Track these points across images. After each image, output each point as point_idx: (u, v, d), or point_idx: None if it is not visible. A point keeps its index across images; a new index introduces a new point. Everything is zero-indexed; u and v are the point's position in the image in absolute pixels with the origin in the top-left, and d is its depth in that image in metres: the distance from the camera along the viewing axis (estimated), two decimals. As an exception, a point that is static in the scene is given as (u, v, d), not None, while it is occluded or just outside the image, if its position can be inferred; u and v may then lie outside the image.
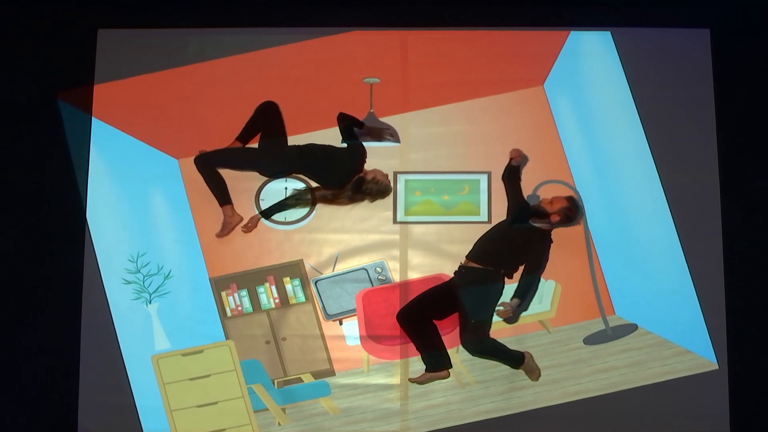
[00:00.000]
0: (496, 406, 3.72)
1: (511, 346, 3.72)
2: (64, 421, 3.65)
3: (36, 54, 3.85)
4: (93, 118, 3.82)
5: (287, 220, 3.82)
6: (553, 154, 3.85)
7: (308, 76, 3.89)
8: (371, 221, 3.83)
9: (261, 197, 3.86)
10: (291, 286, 3.83)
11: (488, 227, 3.77)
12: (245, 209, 3.87)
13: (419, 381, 3.68)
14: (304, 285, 3.84)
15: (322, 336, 3.82)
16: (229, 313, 3.83)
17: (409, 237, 3.83)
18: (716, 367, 3.70)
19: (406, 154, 3.88)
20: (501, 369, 3.71)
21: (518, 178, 3.80)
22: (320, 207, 3.86)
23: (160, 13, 3.87)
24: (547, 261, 3.75)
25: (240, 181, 3.86)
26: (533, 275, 3.70)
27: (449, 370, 3.67)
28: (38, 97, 3.85)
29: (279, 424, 3.74)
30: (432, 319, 3.67)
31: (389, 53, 3.89)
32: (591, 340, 3.75)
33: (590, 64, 3.92)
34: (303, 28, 3.89)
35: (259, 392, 3.77)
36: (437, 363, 3.67)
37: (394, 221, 3.83)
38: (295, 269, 3.84)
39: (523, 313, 3.75)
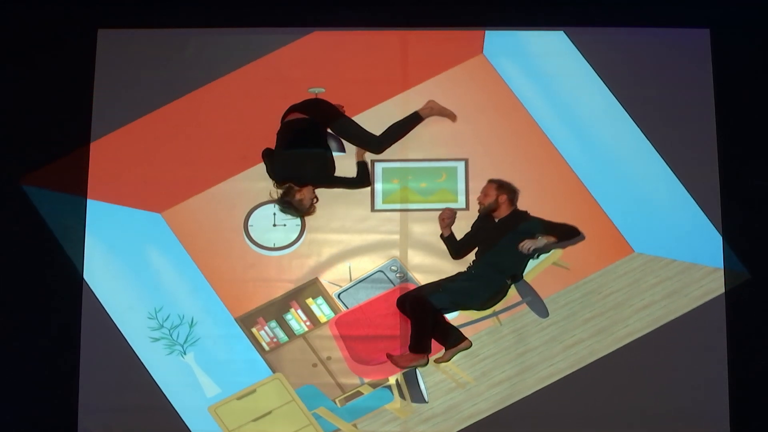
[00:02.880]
0: (556, 368, 3.73)
1: (540, 311, 3.77)
2: (64, 421, 3.60)
3: (36, 54, 3.78)
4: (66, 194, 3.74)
5: (276, 246, 3.77)
6: (522, 120, 3.83)
7: (307, 77, 3.84)
8: (371, 221, 3.79)
9: (250, 223, 3.79)
10: (316, 305, 3.77)
11: (466, 214, 3.76)
12: (239, 212, 3.80)
13: (444, 360, 3.67)
14: (328, 301, 3.78)
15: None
16: (266, 348, 3.75)
17: (409, 237, 3.79)
18: (749, 276, 3.74)
19: (405, 154, 3.88)
20: (549, 332, 3.79)
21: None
22: (320, 208, 3.79)
23: (160, 13, 3.82)
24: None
25: (242, 181, 3.81)
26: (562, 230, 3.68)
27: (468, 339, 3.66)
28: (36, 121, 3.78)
29: (356, 441, 3.70)
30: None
31: (389, 53, 3.88)
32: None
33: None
34: (303, 28, 3.85)
35: (325, 415, 3.71)
36: (454, 337, 3.66)
37: (372, 209, 3.79)
38: (314, 289, 3.78)
39: (536, 262, 3.71)
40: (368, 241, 3.79)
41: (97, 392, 3.63)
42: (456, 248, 3.76)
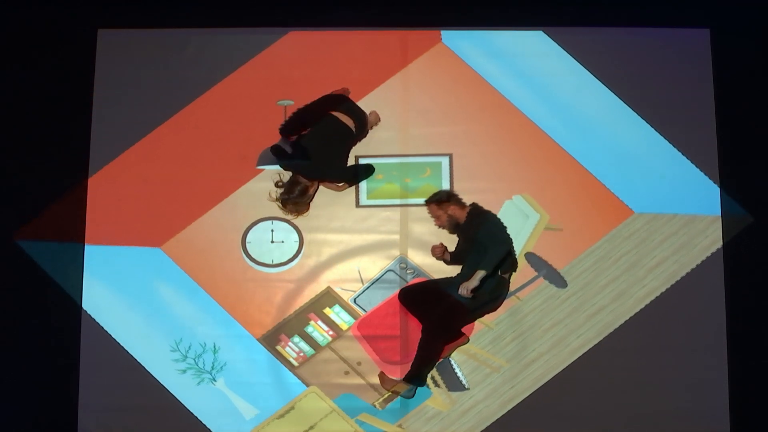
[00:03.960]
0: (585, 338, 3.70)
1: (558, 282, 3.72)
2: (64, 421, 3.57)
3: (36, 54, 3.76)
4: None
5: (274, 262, 3.72)
6: (502, 108, 3.82)
7: (307, 77, 3.81)
8: (371, 221, 3.75)
9: (248, 239, 3.73)
10: (334, 314, 3.72)
11: None
12: (237, 233, 3.75)
13: (443, 357, 3.59)
14: (345, 307, 3.73)
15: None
16: (295, 363, 3.70)
17: (409, 237, 3.75)
18: (751, 219, 3.72)
19: (389, 149, 3.84)
20: (570, 303, 3.73)
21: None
22: (319, 208, 3.77)
23: (160, 13, 3.79)
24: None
25: (237, 199, 3.77)
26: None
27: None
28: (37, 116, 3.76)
29: (405, 440, 3.60)
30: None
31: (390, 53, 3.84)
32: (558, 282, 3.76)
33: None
34: (303, 28, 3.82)
35: (368, 421, 3.66)
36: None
37: (357, 205, 3.76)
38: (329, 298, 3.73)
39: (527, 234, 3.72)
40: (368, 241, 3.74)
41: (97, 392, 3.59)
42: (460, 262, 3.66)
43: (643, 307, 3.69)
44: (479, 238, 3.51)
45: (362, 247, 3.72)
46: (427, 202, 3.63)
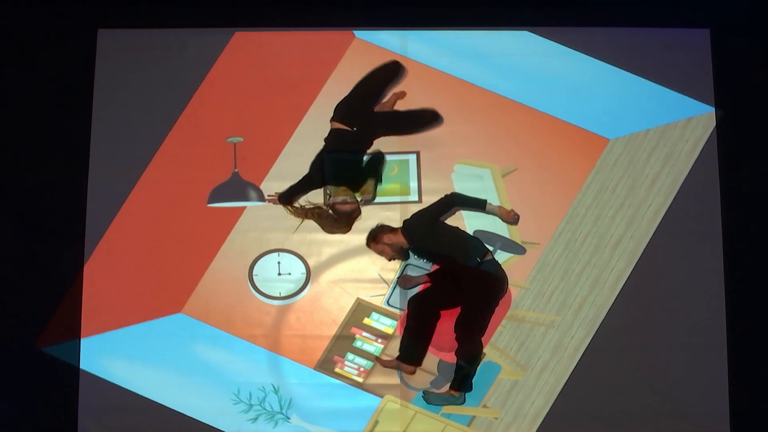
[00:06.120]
0: (618, 269, 3.64)
1: (515, 249, 3.67)
2: (64, 421, 3.53)
3: (36, 54, 3.72)
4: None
5: (281, 295, 3.64)
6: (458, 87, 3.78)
7: (307, 76, 3.72)
8: (371, 221, 3.64)
9: (255, 272, 3.65)
10: (375, 321, 3.64)
11: (419, 207, 3.65)
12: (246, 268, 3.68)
13: (387, 365, 3.53)
14: (383, 312, 3.65)
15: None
16: (360, 379, 3.62)
17: None
18: (721, 113, 3.69)
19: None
20: (590, 241, 3.65)
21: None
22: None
23: (160, 13, 3.74)
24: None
25: (238, 234, 3.69)
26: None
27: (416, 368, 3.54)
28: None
29: (495, 418, 3.58)
30: (440, 310, 3.54)
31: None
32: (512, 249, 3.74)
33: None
34: (303, 28, 3.74)
35: (454, 411, 3.57)
36: (412, 355, 3.52)
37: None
38: (364, 308, 3.65)
39: (494, 189, 3.68)
40: (369, 240, 3.60)
41: (97, 392, 3.54)
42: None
43: (657, 227, 3.66)
44: (436, 234, 3.53)
45: (363, 247, 3.61)
46: (367, 245, 3.60)
